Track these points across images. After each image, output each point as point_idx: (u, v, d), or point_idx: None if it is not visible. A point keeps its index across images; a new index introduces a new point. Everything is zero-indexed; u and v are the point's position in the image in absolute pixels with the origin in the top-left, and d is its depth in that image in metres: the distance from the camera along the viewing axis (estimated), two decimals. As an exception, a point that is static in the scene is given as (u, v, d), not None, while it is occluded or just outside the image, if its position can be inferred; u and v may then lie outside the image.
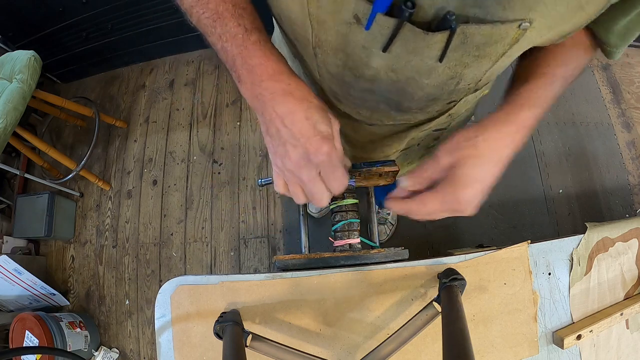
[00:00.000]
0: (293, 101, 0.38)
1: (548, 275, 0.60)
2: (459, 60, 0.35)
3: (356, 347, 0.56)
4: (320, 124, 0.38)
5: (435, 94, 0.42)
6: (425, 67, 0.36)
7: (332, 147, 0.39)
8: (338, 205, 0.56)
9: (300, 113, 0.37)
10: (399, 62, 0.36)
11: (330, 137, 0.39)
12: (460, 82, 0.39)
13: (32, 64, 1.33)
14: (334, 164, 0.39)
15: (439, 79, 0.38)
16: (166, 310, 0.57)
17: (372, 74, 0.39)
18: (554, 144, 1.69)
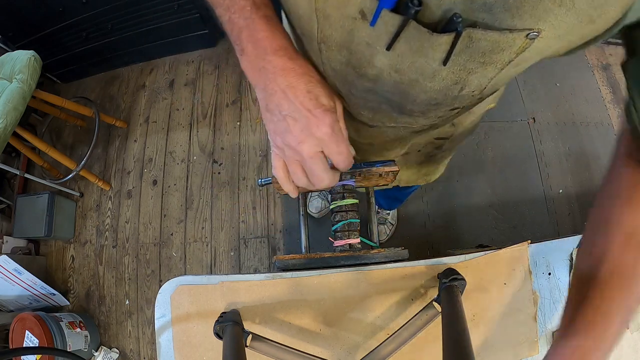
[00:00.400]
0: (295, 75, 0.38)
1: (548, 275, 0.60)
2: (464, 65, 0.34)
3: (356, 347, 0.56)
4: (323, 97, 0.38)
5: (438, 99, 0.41)
6: (429, 70, 0.35)
7: (335, 120, 0.39)
8: (338, 205, 0.56)
9: (302, 86, 0.38)
10: (402, 62, 0.36)
11: (333, 110, 0.39)
12: (464, 89, 0.38)
13: (32, 64, 1.33)
14: (337, 137, 0.39)
15: (442, 83, 0.37)
16: (166, 310, 0.57)
17: (375, 74, 0.39)
18: (554, 144, 1.69)
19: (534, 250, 0.60)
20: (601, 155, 1.67)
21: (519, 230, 1.57)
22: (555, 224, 1.58)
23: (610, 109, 1.74)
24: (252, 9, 0.38)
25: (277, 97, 0.38)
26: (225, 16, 0.39)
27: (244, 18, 0.38)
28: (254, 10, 0.38)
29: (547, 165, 1.66)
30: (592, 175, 1.64)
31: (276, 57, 0.38)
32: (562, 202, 1.60)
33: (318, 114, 0.37)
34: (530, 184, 1.63)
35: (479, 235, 1.56)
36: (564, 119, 1.73)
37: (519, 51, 0.32)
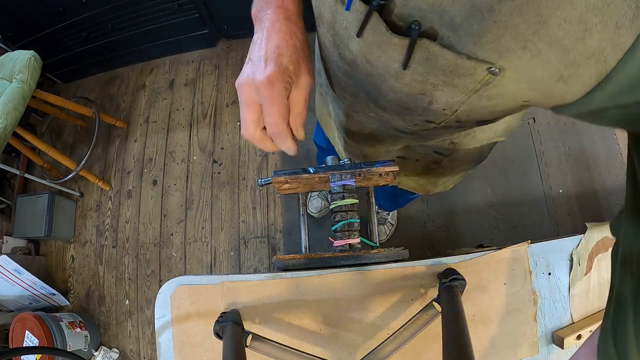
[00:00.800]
0: (278, 31, 0.40)
1: (548, 275, 0.60)
2: (425, 77, 0.34)
3: (356, 347, 0.56)
4: (286, 58, 0.39)
5: (408, 103, 0.41)
6: (393, 69, 0.36)
7: (280, 78, 0.38)
8: (338, 205, 0.56)
9: (276, 40, 0.40)
10: (371, 53, 0.36)
11: (285, 72, 0.38)
12: (433, 103, 0.38)
13: (32, 64, 1.33)
14: (273, 95, 0.38)
15: (408, 88, 0.37)
16: (166, 310, 0.57)
17: (351, 59, 0.40)
18: (554, 144, 1.69)
19: (534, 250, 0.60)
20: (601, 155, 1.67)
21: (519, 230, 1.57)
22: (555, 224, 1.58)
23: (610, 109, 1.74)
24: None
25: (254, 44, 0.41)
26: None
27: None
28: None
29: (547, 165, 1.66)
30: (592, 175, 1.64)
31: (274, 13, 0.41)
32: (562, 202, 1.60)
33: (269, 64, 0.38)
34: (530, 184, 1.63)
35: (479, 235, 1.56)
36: (564, 119, 1.73)
37: (483, 83, 0.31)
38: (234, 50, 1.95)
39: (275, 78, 0.38)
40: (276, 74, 0.38)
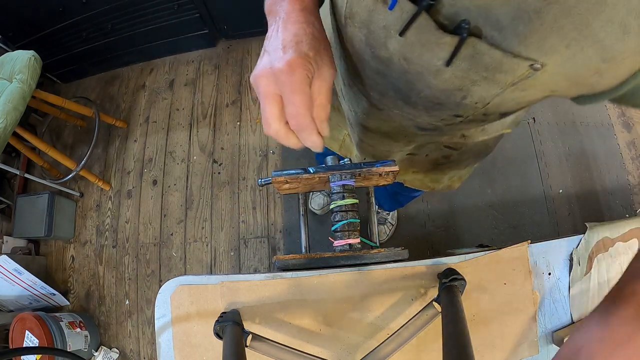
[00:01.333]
0: (294, 20, 0.38)
1: (548, 275, 0.60)
2: (466, 73, 0.35)
3: (356, 347, 0.56)
4: (303, 47, 0.36)
5: (441, 99, 0.41)
6: (434, 67, 0.36)
7: (301, 64, 0.35)
8: (338, 205, 0.56)
9: (293, 29, 0.37)
10: (411, 52, 0.37)
11: (306, 59, 0.36)
12: (467, 98, 0.39)
13: (32, 64, 1.33)
14: (294, 83, 0.35)
15: (445, 84, 0.38)
16: (166, 310, 0.57)
17: (387, 57, 0.40)
18: (554, 144, 1.69)
19: (534, 250, 0.60)
20: (601, 155, 1.67)
21: (519, 230, 1.57)
22: (555, 224, 1.58)
23: (610, 109, 1.74)
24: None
25: (270, 36, 0.39)
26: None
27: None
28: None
29: (547, 165, 1.66)
30: (592, 175, 1.64)
31: (289, 4, 0.39)
32: (562, 202, 1.60)
33: (288, 51, 0.36)
34: (530, 184, 1.63)
35: (479, 235, 1.56)
36: (564, 119, 1.73)
37: (522, 77, 0.33)
38: (234, 50, 1.95)
39: (295, 64, 0.35)
40: (296, 59, 0.35)
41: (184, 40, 1.88)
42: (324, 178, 0.57)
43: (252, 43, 1.94)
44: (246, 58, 1.92)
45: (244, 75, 1.89)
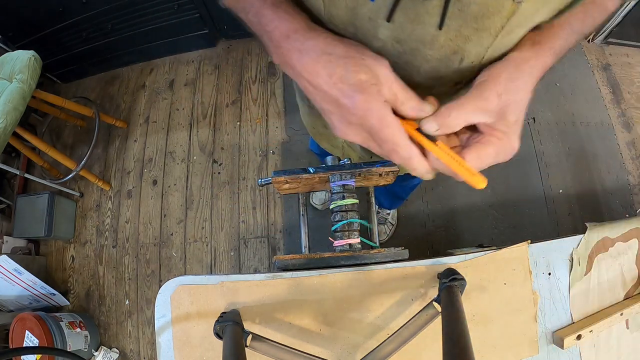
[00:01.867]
0: (310, 61, 0.35)
1: (548, 275, 0.60)
2: (459, 31, 0.36)
3: (356, 347, 0.56)
4: (350, 74, 0.34)
5: (440, 70, 0.42)
6: (428, 36, 0.37)
7: (370, 98, 0.34)
8: (338, 205, 0.56)
9: (321, 70, 0.35)
10: (403, 32, 0.37)
11: (366, 86, 0.34)
12: (464, 59, 0.40)
13: (32, 64, 1.33)
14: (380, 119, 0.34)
15: (442, 51, 0.38)
16: (166, 310, 0.57)
17: (379, 46, 0.40)
18: (554, 144, 1.69)
19: (534, 250, 0.60)
20: (601, 155, 1.67)
21: (519, 230, 1.57)
22: (555, 224, 1.58)
23: (610, 109, 1.74)
24: (259, 3, 0.37)
25: (307, 90, 0.37)
26: (244, 17, 0.39)
27: (254, 14, 0.38)
28: (261, 4, 0.37)
29: (547, 165, 1.66)
30: (592, 175, 1.64)
31: (289, 44, 0.36)
32: (562, 202, 1.60)
33: (347, 102, 0.34)
34: (530, 184, 1.63)
35: (479, 235, 1.56)
36: (564, 119, 1.73)
37: (509, 15, 0.33)
38: (234, 50, 1.95)
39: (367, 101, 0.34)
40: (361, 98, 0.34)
41: (184, 40, 1.88)
42: (324, 178, 0.57)
43: (252, 43, 1.94)
44: (246, 58, 1.92)
45: (244, 75, 1.89)
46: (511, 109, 0.37)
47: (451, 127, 0.37)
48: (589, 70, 1.81)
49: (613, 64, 1.81)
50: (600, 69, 1.81)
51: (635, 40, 1.82)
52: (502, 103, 0.36)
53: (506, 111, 0.37)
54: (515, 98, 0.37)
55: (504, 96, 0.36)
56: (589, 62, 1.82)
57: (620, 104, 1.75)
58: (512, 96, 0.37)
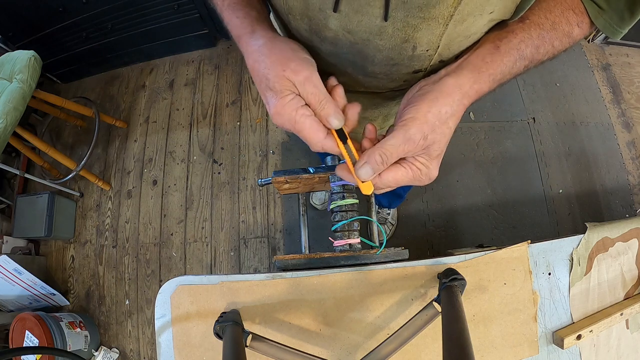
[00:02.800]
0: (251, 63, 0.41)
1: (548, 275, 0.60)
2: (405, 20, 0.36)
3: (356, 347, 0.56)
4: (270, 82, 0.39)
5: (394, 58, 0.43)
6: (375, 27, 0.38)
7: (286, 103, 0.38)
8: (338, 205, 0.56)
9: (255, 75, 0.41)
10: (350, 22, 0.38)
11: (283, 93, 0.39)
12: (417, 48, 0.41)
13: (32, 64, 1.33)
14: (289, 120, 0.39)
15: (391, 40, 0.40)
16: (166, 310, 0.57)
17: (332, 36, 0.42)
18: (554, 144, 1.69)
19: (534, 250, 0.60)
20: (601, 155, 1.67)
21: (519, 230, 1.57)
22: (555, 224, 1.58)
23: (610, 109, 1.74)
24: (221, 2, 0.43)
25: (254, 79, 0.42)
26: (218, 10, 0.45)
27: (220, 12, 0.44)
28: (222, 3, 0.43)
29: (547, 165, 1.66)
30: (592, 175, 1.64)
31: (240, 46, 0.42)
32: (562, 202, 1.60)
33: (267, 104, 0.40)
34: (530, 184, 1.63)
35: (479, 235, 1.56)
36: (564, 119, 1.73)
37: (455, 4, 0.34)
38: (234, 50, 1.95)
39: (277, 112, 0.39)
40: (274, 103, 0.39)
41: (184, 40, 1.87)
42: (324, 178, 0.57)
43: (252, 43, 1.94)
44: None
45: (244, 75, 1.89)
46: (435, 147, 0.40)
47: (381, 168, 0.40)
48: (589, 70, 1.81)
49: (613, 64, 1.81)
50: (600, 69, 1.81)
51: (635, 40, 1.82)
52: (427, 143, 0.39)
53: (430, 148, 0.39)
54: (441, 136, 0.39)
55: (430, 136, 0.38)
56: (589, 62, 1.82)
57: (620, 104, 1.75)
58: (438, 135, 0.39)
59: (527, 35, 0.41)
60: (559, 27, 0.41)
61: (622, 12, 0.39)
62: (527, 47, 0.41)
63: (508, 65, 0.41)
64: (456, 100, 0.39)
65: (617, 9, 0.39)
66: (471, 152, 1.68)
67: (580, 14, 0.42)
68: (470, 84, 0.40)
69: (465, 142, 1.69)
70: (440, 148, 0.40)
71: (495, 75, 0.41)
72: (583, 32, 0.43)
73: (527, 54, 0.41)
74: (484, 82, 0.40)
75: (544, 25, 0.41)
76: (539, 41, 0.41)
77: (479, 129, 1.70)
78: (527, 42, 0.41)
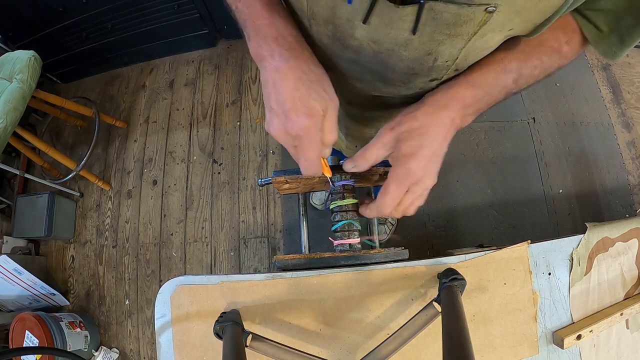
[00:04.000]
0: (287, 69, 0.39)
1: (548, 275, 0.60)
2: (432, 35, 0.37)
3: (356, 347, 0.56)
4: (308, 99, 0.39)
5: (415, 68, 0.43)
6: (402, 39, 0.38)
7: (313, 125, 0.39)
8: (338, 205, 0.56)
9: (290, 83, 0.39)
10: (378, 34, 0.38)
11: (316, 114, 0.39)
12: (438, 59, 0.41)
13: (32, 64, 1.33)
14: (310, 142, 0.40)
15: (416, 52, 0.40)
16: (166, 310, 0.57)
17: (356, 45, 0.41)
18: (554, 144, 1.69)
19: (534, 250, 0.60)
20: (601, 155, 1.67)
21: (519, 230, 1.57)
22: (555, 224, 1.58)
23: (610, 109, 1.74)
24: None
25: (268, 87, 0.40)
26: (233, 5, 0.42)
27: (247, 6, 0.40)
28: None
29: (547, 165, 1.66)
30: (592, 175, 1.64)
31: (275, 45, 0.39)
32: (562, 202, 1.60)
33: (294, 118, 0.39)
34: (530, 184, 1.63)
35: (479, 235, 1.56)
36: (564, 119, 1.73)
37: (481, 24, 0.35)
38: (234, 50, 1.95)
39: (309, 126, 0.39)
40: (307, 121, 0.39)
41: (184, 40, 1.87)
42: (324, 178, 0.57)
43: (252, 43, 1.94)
44: (246, 58, 1.92)
45: (244, 75, 1.89)
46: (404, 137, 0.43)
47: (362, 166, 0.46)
48: (589, 70, 1.81)
49: (613, 64, 1.81)
50: (600, 69, 1.81)
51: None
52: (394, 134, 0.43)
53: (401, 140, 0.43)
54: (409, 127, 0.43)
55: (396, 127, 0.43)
56: (589, 62, 1.82)
57: (620, 104, 1.75)
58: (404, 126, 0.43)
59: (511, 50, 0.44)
60: (546, 43, 0.44)
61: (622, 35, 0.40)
62: (511, 61, 0.44)
63: (491, 76, 0.44)
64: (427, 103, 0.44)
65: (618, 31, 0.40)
66: (471, 152, 1.67)
67: (571, 32, 0.43)
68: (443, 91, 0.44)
69: (465, 142, 1.69)
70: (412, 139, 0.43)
71: (476, 83, 0.44)
72: (573, 50, 0.45)
73: (512, 67, 0.44)
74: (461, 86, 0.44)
75: (530, 42, 0.43)
76: (524, 56, 0.44)
77: (479, 129, 1.70)
78: (510, 56, 0.44)
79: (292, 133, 0.40)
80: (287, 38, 0.40)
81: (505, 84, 0.45)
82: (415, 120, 0.43)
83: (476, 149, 1.68)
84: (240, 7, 0.41)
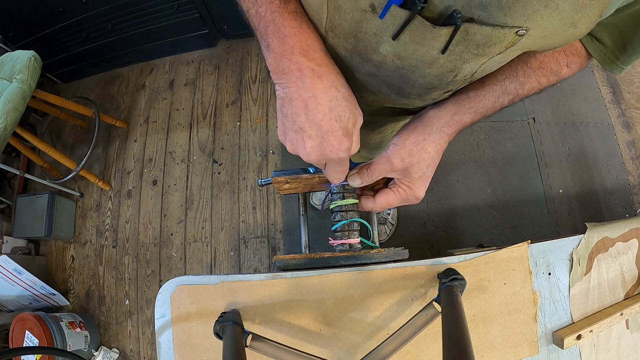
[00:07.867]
0: (320, 86, 0.37)
1: (548, 275, 0.60)
2: (460, 55, 0.37)
3: (356, 347, 0.56)
4: (344, 119, 0.39)
5: (434, 83, 0.43)
6: (429, 57, 0.38)
7: (348, 142, 0.40)
8: (338, 205, 0.56)
9: (325, 103, 0.37)
10: (405, 51, 0.37)
11: (350, 131, 0.40)
12: (458, 75, 0.41)
13: (32, 64, 1.33)
14: (343, 161, 0.42)
15: (440, 69, 0.40)
16: (166, 310, 0.57)
17: (379, 60, 0.40)
18: (554, 144, 1.69)
19: (534, 250, 0.60)
20: (601, 155, 1.67)
21: (519, 230, 1.57)
22: (555, 224, 1.58)
23: (610, 109, 1.74)
24: (281, 2, 0.36)
25: (296, 106, 0.37)
26: (252, 10, 0.37)
27: (271, 11, 0.36)
28: (283, 5, 0.36)
29: (547, 165, 1.65)
30: (592, 175, 1.64)
31: (304, 58, 0.36)
32: (562, 202, 1.60)
33: (336, 139, 0.39)
34: (530, 184, 1.63)
35: (479, 235, 1.56)
36: (564, 119, 1.73)
37: (509, 45, 0.35)
38: (234, 50, 1.95)
39: (346, 150, 0.40)
40: (348, 144, 0.40)
41: (184, 40, 1.87)
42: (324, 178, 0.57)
43: (252, 43, 1.94)
44: (246, 58, 1.92)
45: (244, 75, 1.89)
46: (415, 169, 0.47)
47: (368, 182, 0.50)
48: (589, 70, 1.80)
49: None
50: (600, 69, 1.81)
51: (635, 40, 1.81)
52: (405, 165, 0.47)
53: (410, 170, 0.47)
54: (419, 159, 0.46)
55: (407, 159, 0.46)
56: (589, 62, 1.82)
57: (620, 104, 1.75)
58: (415, 158, 0.46)
59: (513, 72, 0.45)
60: (547, 66, 0.45)
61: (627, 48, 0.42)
62: (511, 83, 0.46)
63: (491, 100, 0.46)
64: (435, 129, 0.46)
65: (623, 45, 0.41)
66: (471, 152, 1.67)
67: (571, 55, 0.45)
68: (451, 115, 0.47)
69: (465, 142, 1.68)
70: (420, 170, 0.47)
71: (478, 109, 0.47)
72: (572, 71, 0.46)
73: (510, 90, 0.46)
74: (465, 113, 0.47)
75: (532, 64, 0.45)
76: (524, 78, 0.45)
77: (479, 129, 1.70)
78: (511, 78, 0.46)
79: (331, 156, 0.40)
80: (317, 52, 0.37)
81: (501, 104, 0.47)
82: (426, 152, 0.46)
83: (476, 149, 1.68)
84: (262, 13, 0.36)
